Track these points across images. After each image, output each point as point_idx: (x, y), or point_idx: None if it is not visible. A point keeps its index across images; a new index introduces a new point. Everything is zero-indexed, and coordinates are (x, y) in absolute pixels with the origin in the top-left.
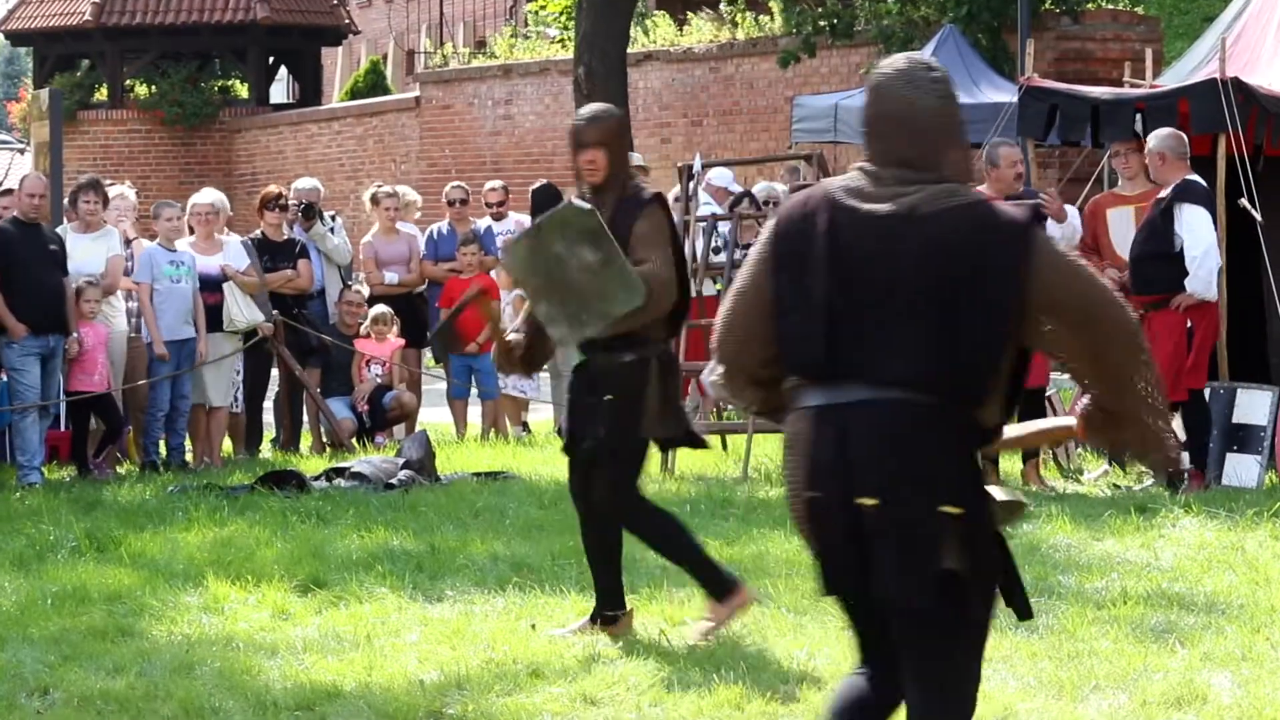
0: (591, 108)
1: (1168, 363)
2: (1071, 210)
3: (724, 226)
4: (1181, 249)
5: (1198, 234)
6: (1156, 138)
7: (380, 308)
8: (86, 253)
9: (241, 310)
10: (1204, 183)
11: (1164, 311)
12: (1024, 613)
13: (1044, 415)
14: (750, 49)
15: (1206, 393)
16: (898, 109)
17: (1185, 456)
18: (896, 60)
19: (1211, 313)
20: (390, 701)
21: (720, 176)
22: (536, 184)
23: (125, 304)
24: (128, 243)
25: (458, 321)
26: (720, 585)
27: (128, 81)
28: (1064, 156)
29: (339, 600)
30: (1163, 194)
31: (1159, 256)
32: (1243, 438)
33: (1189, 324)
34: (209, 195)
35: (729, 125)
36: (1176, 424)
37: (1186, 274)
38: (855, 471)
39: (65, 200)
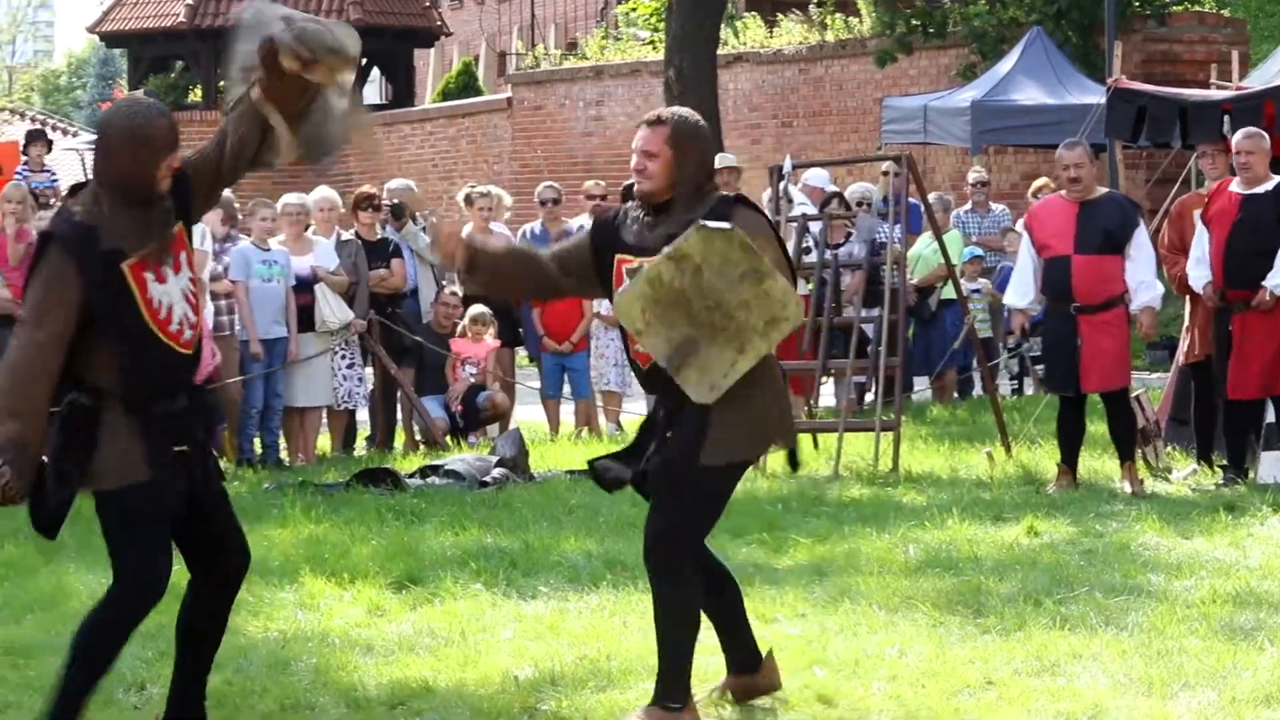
0: None
1: (1272, 360)
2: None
3: (815, 227)
4: None
5: None
6: (1252, 136)
7: (479, 308)
8: None
9: (333, 310)
10: None
11: (1263, 313)
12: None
13: (1131, 415)
14: (840, 50)
15: None
16: None
17: None
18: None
19: None
20: (484, 698)
21: (816, 177)
22: (628, 183)
23: (211, 302)
24: (224, 241)
25: None
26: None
27: (221, 83)
28: (1151, 158)
29: (433, 597)
30: (1259, 190)
31: (1265, 253)
32: None
33: None
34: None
35: (819, 126)
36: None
37: None
38: None
39: None
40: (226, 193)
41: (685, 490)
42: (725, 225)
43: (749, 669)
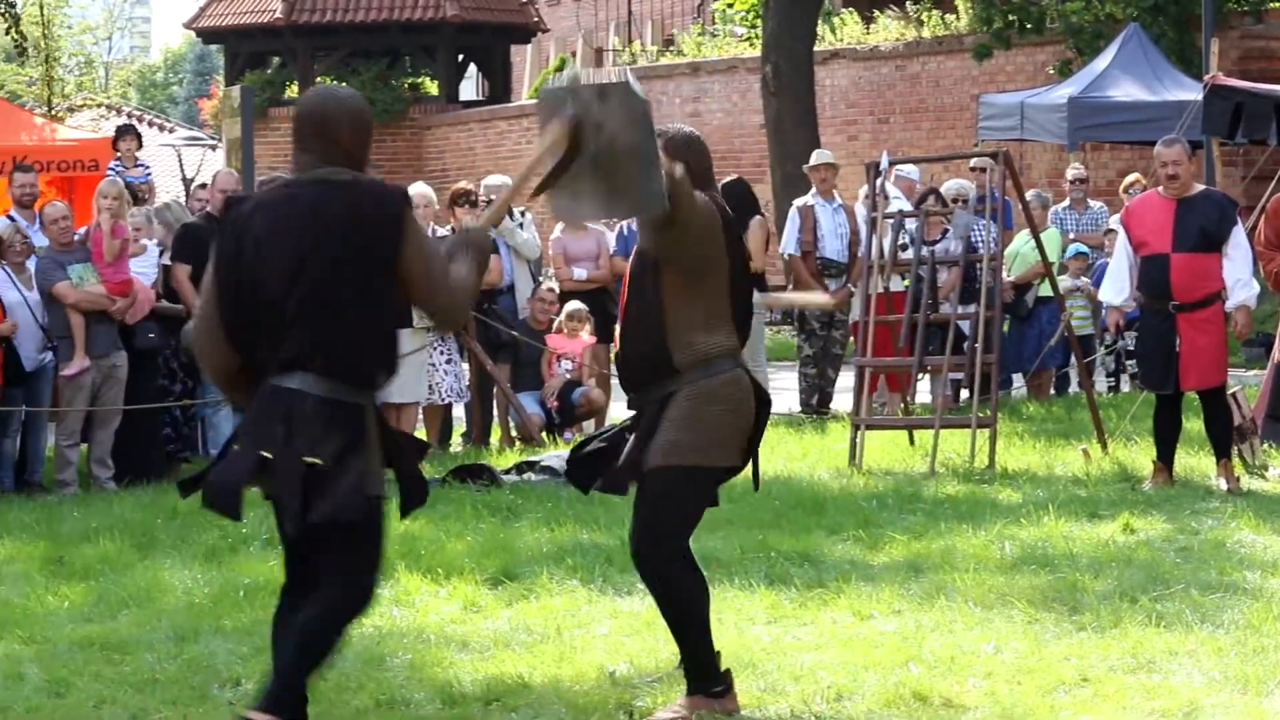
0: None
1: None
2: None
3: (911, 223)
4: None
5: None
6: None
7: (575, 304)
8: None
9: None
10: None
11: None
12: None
13: (1228, 413)
14: (936, 47)
15: None
16: None
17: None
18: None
19: None
20: (579, 694)
21: (907, 170)
22: (727, 179)
23: None
24: None
25: None
26: None
27: (318, 79)
28: (1248, 155)
29: (529, 593)
30: None
31: None
32: None
33: None
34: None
35: (915, 123)
36: None
37: None
38: None
39: None
40: None
41: (646, 495)
42: (640, 94)
43: None
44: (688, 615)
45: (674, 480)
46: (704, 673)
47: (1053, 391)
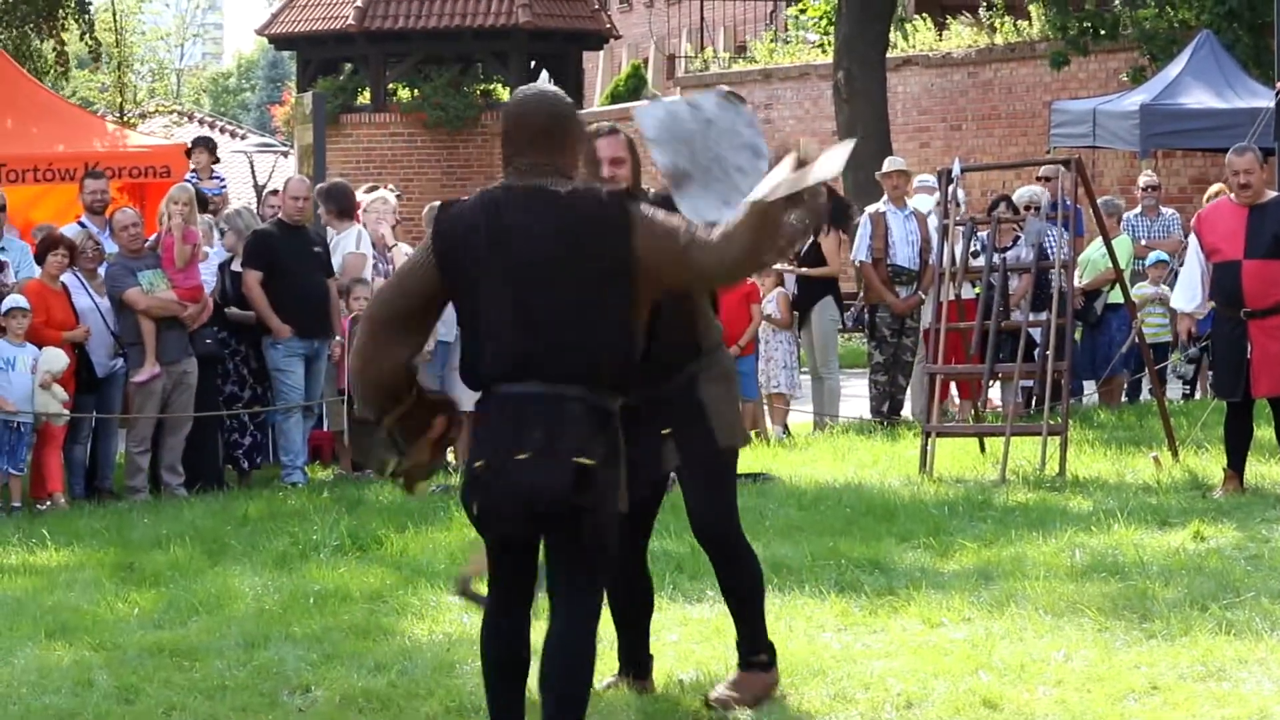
0: None
1: None
2: None
3: (983, 231)
4: None
5: None
6: None
7: None
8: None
9: None
10: None
11: None
12: None
13: None
14: (1009, 54)
15: None
16: None
17: None
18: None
19: None
20: (649, 701)
21: (932, 180)
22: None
23: None
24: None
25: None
26: None
27: (390, 85)
28: None
29: None
30: None
31: None
32: None
33: None
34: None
35: (988, 130)
36: None
37: None
38: None
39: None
40: (393, 199)
41: (715, 475)
42: (742, 99)
43: (641, 675)
44: (756, 586)
45: (732, 458)
46: (759, 644)
47: (1124, 399)
